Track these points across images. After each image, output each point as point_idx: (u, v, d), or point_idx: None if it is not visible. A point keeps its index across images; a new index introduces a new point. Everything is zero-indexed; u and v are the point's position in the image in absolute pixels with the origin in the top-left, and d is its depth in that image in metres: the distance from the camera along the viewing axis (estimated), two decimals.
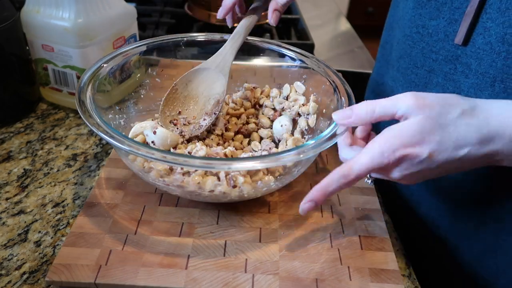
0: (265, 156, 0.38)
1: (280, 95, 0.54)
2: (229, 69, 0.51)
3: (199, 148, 0.44)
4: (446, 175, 0.38)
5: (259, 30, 0.89)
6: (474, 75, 0.43)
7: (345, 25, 1.01)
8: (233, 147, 0.49)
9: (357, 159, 0.37)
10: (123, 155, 0.43)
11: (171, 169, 0.41)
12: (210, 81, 0.51)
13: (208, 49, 0.56)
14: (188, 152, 0.44)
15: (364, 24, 2.83)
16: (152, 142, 0.44)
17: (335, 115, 0.40)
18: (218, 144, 0.50)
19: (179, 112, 0.51)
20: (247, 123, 0.54)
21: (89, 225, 0.42)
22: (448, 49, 0.45)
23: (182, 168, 0.41)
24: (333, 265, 0.40)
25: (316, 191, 0.38)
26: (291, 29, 0.93)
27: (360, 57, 0.84)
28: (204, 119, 0.50)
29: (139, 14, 0.66)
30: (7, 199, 0.46)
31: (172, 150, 0.45)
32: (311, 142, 0.39)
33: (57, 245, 0.42)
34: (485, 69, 0.42)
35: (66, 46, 0.55)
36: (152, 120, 0.51)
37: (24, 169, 0.51)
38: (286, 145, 0.48)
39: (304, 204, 0.38)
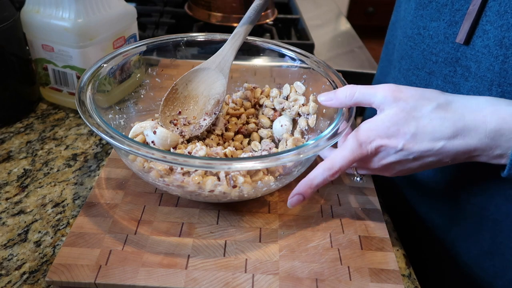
0: (265, 156, 0.38)
1: (280, 95, 0.54)
2: (229, 69, 0.51)
3: (199, 148, 0.44)
4: (431, 169, 0.40)
5: (259, 30, 0.89)
6: (474, 78, 0.43)
7: (345, 25, 1.01)
8: (233, 147, 0.49)
9: (339, 153, 0.39)
10: (123, 155, 0.43)
11: (171, 169, 0.41)
12: (210, 81, 0.51)
13: (208, 49, 0.56)
14: (188, 152, 0.44)
15: (364, 24, 2.84)
16: (152, 142, 0.44)
17: (320, 97, 0.44)
18: (218, 144, 0.50)
19: (179, 112, 0.51)
20: (247, 123, 0.54)
21: (89, 225, 0.42)
22: (448, 51, 0.45)
23: (182, 168, 0.41)
24: (333, 265, 0.40)
25: (302, 185, 0.40)
26: (291, 29, 0.94)
27: (360, 57, 0.84)
28: (204, 119, 0.50)
29: (139, 14, 0.66)
30: (7, 199, 0.46)
31: (172, 150, 0.45)
32: (311, 142, 0.39)
33: (57, 245, 0.42)
34: (483, 73, 0.42)
35: (66, 46, 0.55)
36: (152, 120, 0.51)
37: (24, 169, 0.51)
38: (286, 145, 0.48)
39: (292, 198, 0.41)
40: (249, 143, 0.52)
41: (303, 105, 0.52)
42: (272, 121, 0.54)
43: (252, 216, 0.44)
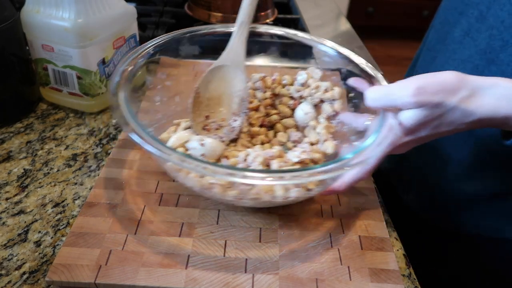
0: (333, 166, 0.36)
1: (295, 83, 0.52)
2: (243, 63, 0.49)
3: (255, 155, 0.42)
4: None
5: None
6: None
7: (345, 25, 1.01)
8: (261, 142, 0.48)
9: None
10: (175, 172, 0.40)
11: (232, 183, 0.39)
12: (229, 79, 0.50)
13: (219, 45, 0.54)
14: (244, 160, 0.42)
15: (364, 24, 2.83)
16: (202, 155, 0.42)
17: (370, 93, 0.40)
18: (248, 141, 0.48)
19: (207, 117, 0.49)
20: (268, 115, 0.52)
21: (89, 225, 0.42)
22: None
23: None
24: (333, 265, 0.40)
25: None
26: (292, 29, 0.93)
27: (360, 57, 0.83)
28: (235, 120, 0.49)
29: (139, 14, 0.66)
30: (7, 199, 0.46)
31: (225, 161, 0.43)
32: (371, 141, 0.38)
33: (57, 245, 0.42)
34: None
35: (66, 46, 0.55)
36: (175, 127, 0.49)
37: (24, 169, 0.51)
38: (316, 132, 0.47)
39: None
40: (275, 135, 0.51)
41: (325, 91, 0.50)
42: (292, 109, 0.52)
43: (252, 216, 0.44)
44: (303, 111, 0.51)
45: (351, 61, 0.49)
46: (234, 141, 0.49)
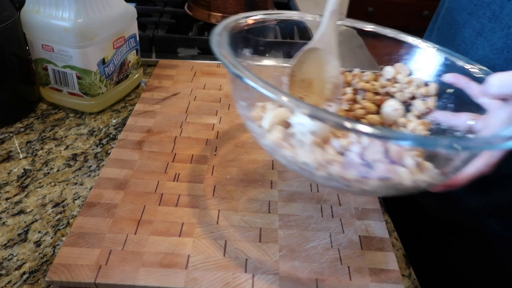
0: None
1: (381, 78, 0.50)
2: (337, 50, 0.47)
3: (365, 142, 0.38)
4: None
5: (261, 30, 0.88)
6: None
7: None
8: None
9: None
10: (282, 143, 0.36)
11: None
12: (321, 63, 0.48)
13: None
14: (358, 141, 0.38)
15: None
16: (312, 132, 0.39)
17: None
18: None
19: (300, 99, 0.47)
20: (350, 110, 0.50)
21: (89, 225, 0.42)
22: None
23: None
24: (333, 265, 0.40)
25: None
26: (294, 28, 0.93)
27: (360, 57, 0.83)
28: (330, 106, 0.46)
29: (139, 14, 0.66)
30: (7, 199, 0.46)
31: (335, 141, 0.39)
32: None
33: (57, 245, 0.42)
34: None
35: (66, 46, 0.55)
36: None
37: (24, 169, 0.51)
38: (407, 130, 0.45)
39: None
40: None
41: (418, 87, 0.47)
42: (378, 105, 0.50)
43: (252, 216, 0.44)
44: (392, 107, 0.48)
45: (448, 59, 0.46)
46: None
